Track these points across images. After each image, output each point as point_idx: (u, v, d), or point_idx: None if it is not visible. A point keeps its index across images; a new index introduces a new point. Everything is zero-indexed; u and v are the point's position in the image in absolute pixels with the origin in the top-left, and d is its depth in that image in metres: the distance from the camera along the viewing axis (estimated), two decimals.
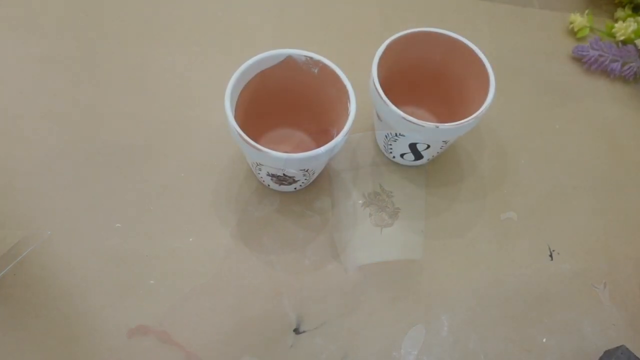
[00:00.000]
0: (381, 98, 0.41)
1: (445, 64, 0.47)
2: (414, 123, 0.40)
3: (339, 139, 0.38)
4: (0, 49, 0.52)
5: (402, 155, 0.47)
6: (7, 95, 0.49)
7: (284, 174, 0.42)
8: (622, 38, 0.59)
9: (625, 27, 0.58)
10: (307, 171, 0.42)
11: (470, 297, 0.44)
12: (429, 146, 0.44)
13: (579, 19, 0.60)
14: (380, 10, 0.60)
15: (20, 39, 0.52)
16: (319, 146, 0.38)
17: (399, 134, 0.43)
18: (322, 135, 0.46)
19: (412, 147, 0.45)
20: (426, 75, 0.48)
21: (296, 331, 0.41)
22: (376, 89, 0.41)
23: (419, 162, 0.48)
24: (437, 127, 0.40)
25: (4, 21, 0.53)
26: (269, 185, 0.46)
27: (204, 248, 0.44)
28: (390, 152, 0.48)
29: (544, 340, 0.42)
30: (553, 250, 0.47)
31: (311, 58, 0.42)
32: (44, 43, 0.53)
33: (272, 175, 0.42)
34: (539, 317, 0.43)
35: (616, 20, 0.62)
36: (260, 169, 0.42)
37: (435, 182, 0.49)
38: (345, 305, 0.42)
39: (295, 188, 0.46)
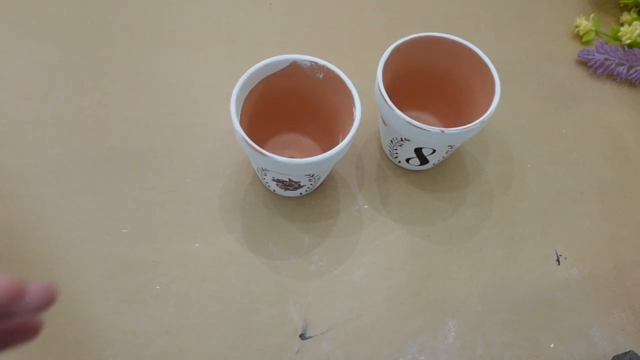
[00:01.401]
0: (386, 103, 0.41)
1: (450, 69, 0.47)
2: (419, 128, 0.40)
3: (344, 144, 0.38)
4: (7, 56, 0.52)
5: (407, 160, 0.47)
6: (14, 102, 0.49)
7: (289, 179, 0.42)
8: (628, 42, 0.59)
9: (631, 30, 0.58)
10: (312, 176, 0.42)
11: (477, 302, 0.43)
12: (434, 151, 0.44)
13: (585, 23, 0.60)
14: (385, 16, 0.60)
15: (27, 46, 0.53)
16: (324, 151, 0.39)
17: (405, 139, 0.43)
18: (327, 140, 0.46)
19: (418, 151, 0.45)
20: (431, 80, 0.48)
21: (302, 337, 0.41)
22: (381, 93, 0.41)
23: (424, 167, 0.48)
24: (443, 131, 0.40)
25: (12, 28, 0.54)
26: (274, 191, 0.46)
27: (210, 254, 0.44)
28: (396, 157, 0.48)
29: (552, 345, 0.42)
30: (560, 255, 0.46)
31: (316, 63, 0.42)
32: (51, 50, 0.53)
33: (278, 181, 0.42)
34: (546, 322, 0.43)
35: (622, 24, 0.62)
36: (265, 174, 0.42)
37: (441, 186, 0.49)
38: (351, 310, 0.42)
39: (300, 193, 0.46)
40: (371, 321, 0.42)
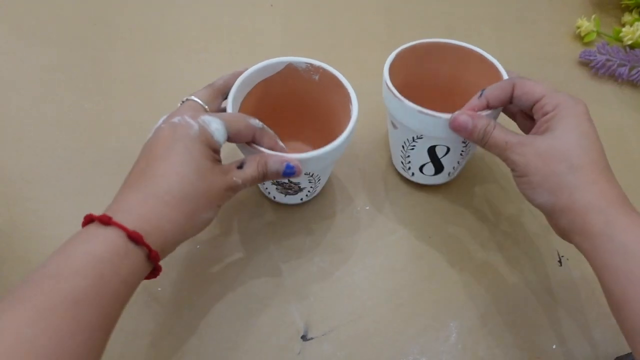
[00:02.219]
0: (395, 96, 0.40)
1: (456, 75, 0.46)
2: (430, 115, 0.39)
3: (342, 138, 0.38)
4: (10, 58, 0.52)
5: (421, 169, 0.46)
6: (17, 103, 0.50)
7: (288, 180, 0.41)
8: (629, 42, 0.59)
9: (632, 31, 0.58)
10: (312, 176, 0.42)
11: (478, 303, 0.43)
12: (448, 150, 0.43)
13: (586, 24, 0.60)
14: (386, 17, 0.60)
15: (28, 47, 0.53)
16: None
17: (417, 137, 0.43)
18: (325, 143, 0.46)
19: (431, 152, 0.44)
20: (438, 87, 0.48)
21: (304, 338, 0.41)
22: (389, 87, 0.41)
23: (439, 178, 0.47)
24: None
25: (15, 30, 0.54)
26: (274, 198, 0.46)
27: (211, 255, 0.44)
28: (409, 165, 0.47)
29: (554, 347, 0.42)
30: (562, 256, 0.46)
31: (311, 65, 0.42)
32: (52, 51, 0.53)
33: (277, 183, 0.42)
34: (548, 323, 0.43)
35: (623, 25, 0.62)
36: None
37: (442, 187, 0.49)
38: (352, 311, 0.42)
39: (301, 199, 0.46)
40: (373, 322, 0.42)
